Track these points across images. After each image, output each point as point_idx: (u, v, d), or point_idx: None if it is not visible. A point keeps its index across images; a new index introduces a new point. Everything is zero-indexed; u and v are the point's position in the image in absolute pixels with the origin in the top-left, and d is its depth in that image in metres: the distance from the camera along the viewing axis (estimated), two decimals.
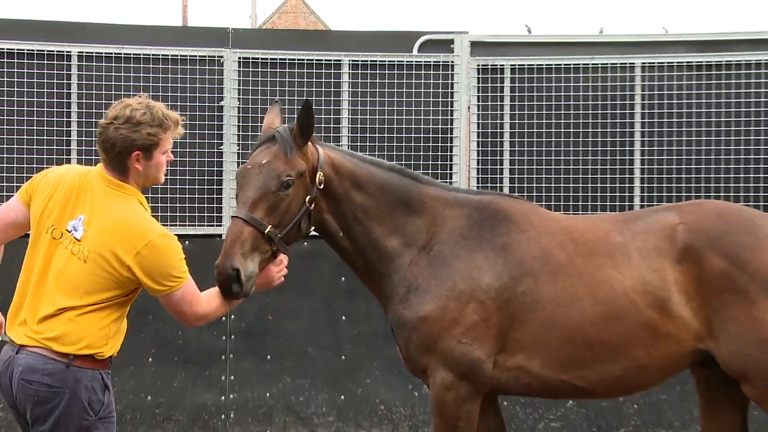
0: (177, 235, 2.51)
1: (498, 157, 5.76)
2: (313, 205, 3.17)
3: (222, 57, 5.50)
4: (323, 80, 5.67)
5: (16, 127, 5.46)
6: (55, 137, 5.50)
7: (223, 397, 5.48)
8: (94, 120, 4.70)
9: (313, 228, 3.29)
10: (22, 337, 2.22)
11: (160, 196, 5.17)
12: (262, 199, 3.03)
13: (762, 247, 3.38)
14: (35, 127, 5.42)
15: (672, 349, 3.39)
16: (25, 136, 5.38)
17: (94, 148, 3.28)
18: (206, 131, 5.52)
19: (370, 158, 3.65)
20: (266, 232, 2.95)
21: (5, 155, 5.35)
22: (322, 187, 3.17)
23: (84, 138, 5.49)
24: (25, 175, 4.71)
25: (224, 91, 5.54)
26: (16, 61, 5.36)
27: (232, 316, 5.37)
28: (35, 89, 5.41)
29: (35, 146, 5.47)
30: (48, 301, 2.23)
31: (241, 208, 3.02)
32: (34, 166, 4.93)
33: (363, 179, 3.40)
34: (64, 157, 5.36)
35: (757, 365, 3.29)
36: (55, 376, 2.21)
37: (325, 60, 5.62)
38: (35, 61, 5.40)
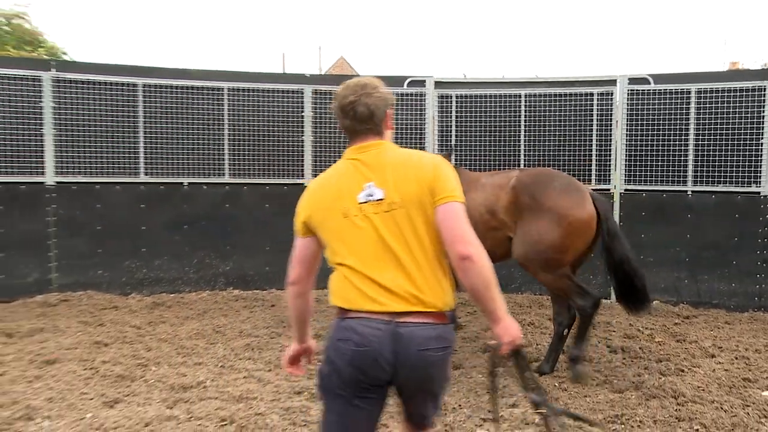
0: None
1: (450, 148, 8.00)
2: None
3: (303, 90, 7.94)
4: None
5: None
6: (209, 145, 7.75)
7: None
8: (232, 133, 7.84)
9: None
10: (397, 306, 2.07)
11: None
12: None
13: (547, 193, 4.72)
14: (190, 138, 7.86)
15: (497, 236, 4.93)
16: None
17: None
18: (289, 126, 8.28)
19: None
20: None
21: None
22: None
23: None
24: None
25: (304, 109, 7.92)
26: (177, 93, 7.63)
27: None
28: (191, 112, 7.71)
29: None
30: (401, 268, 2.10)
31: None
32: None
33: None
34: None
35: (526, 253, 4.76)
36: (446, 338, 2.17)
37: None
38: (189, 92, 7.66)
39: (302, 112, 8.07)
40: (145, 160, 7.63)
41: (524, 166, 7.93)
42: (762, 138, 7.11)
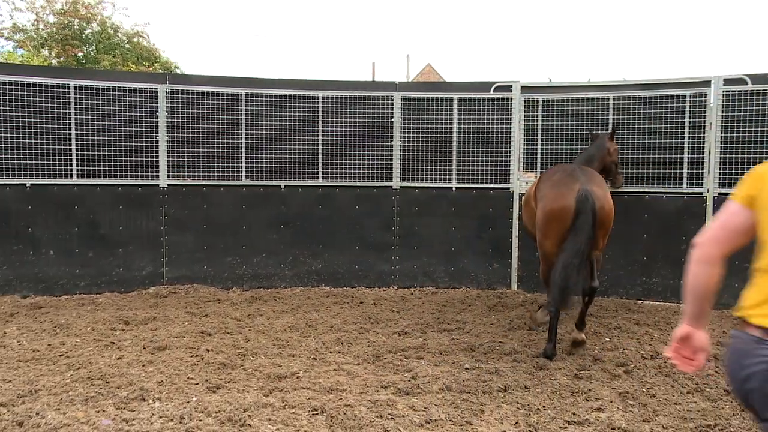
0: None
1: (534, 148, 7.91)
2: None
3: (392, 97, 8.00)
4: (443, 109, 8.06)
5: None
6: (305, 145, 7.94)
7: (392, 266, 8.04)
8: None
9: None
10: None
11: None
12: None
13: (542, 185, 5.43)
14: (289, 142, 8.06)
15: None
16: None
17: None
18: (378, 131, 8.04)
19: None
20: None
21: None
22: None
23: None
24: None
25: (393, 115, 8.01)
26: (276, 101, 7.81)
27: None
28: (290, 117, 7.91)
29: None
30: None
31: None
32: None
33: None
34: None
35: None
36: None
37: (444, 97, 8.04)
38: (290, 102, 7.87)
39: (392, 118, 8.09)
40: (246, 164, 7.92)
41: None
42: None
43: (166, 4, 50.33)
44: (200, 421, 3.77)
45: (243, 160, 7.93)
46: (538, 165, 7.94)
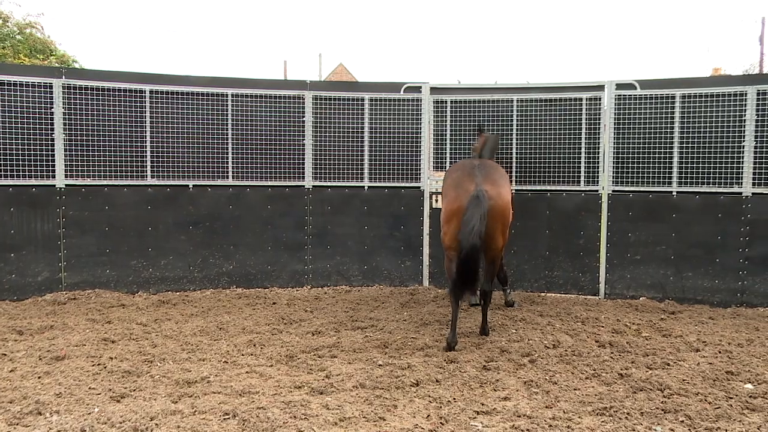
0: None
1: (443, 148, 8.07)
2: None
3: (304, 95, 7.94)
4: (354, 108, 8.07)
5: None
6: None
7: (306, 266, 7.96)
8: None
9: None
10: None
11: None
12: None
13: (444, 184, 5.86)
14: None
15: None
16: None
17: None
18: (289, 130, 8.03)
19: (485, 140, 6.99)
20: None
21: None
22: None
23: None
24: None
25: (305, 114, 7.92)
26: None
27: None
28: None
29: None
30: None
31: None
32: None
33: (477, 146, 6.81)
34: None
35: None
36: None
37: (355, 97, 8.08)
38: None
39: (303, 117, 8.05)
40: (152, 163, 7.59)
41: (517, 168, 7.99)
42: (743, 141, 7.10)
43: None
44: None
45: (148, 159, 7.59)
46: (448, 164, 8.14)
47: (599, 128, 7.75)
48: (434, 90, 8.25)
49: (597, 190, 7.74)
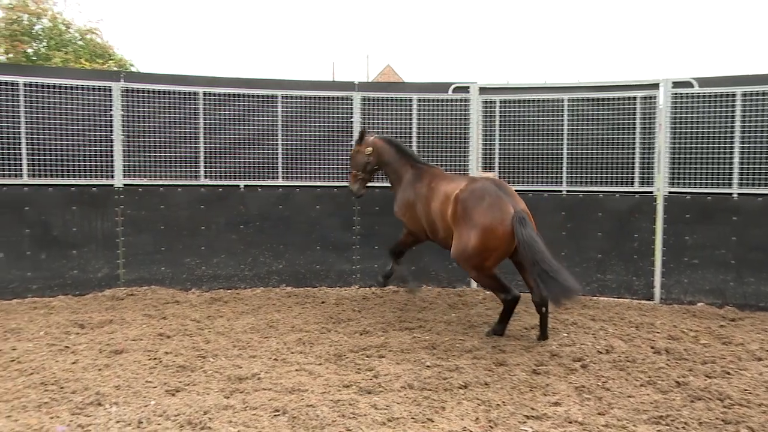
0: None
1: (491, 148, 8.02)
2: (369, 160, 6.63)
3: (352, 96, 8.04)
4: (402, 109, 8.11)
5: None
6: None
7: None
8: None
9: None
10: None
11: None
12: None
13: (476, 205, 5.43)
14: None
15: (450, 236, 5.74)
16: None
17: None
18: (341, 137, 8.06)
19: (395, 142, 6.89)
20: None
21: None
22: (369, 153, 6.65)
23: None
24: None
25: (353, 115, 8.03)
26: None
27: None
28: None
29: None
30: None
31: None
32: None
33: (381, 151, 6.75)
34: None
35: (455, 254, 5.56)
36: None
37: (403, 98, 8.11)
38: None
39: (351, 118, 8.10)
40: (205, 164, 7.79)
41: (568, 169, 7.85)
42: None
43: (120, 1, 49.06)
44: (159, 425, 3.70)
45: (201, 159, 7.79)
46: (497, 165, 8.03)
47: (654, 128, 7.52)
48: (483, 90, 8.16)
49: (652, 192, 7.52)
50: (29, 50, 21.98)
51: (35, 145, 7.21)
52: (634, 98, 7.60)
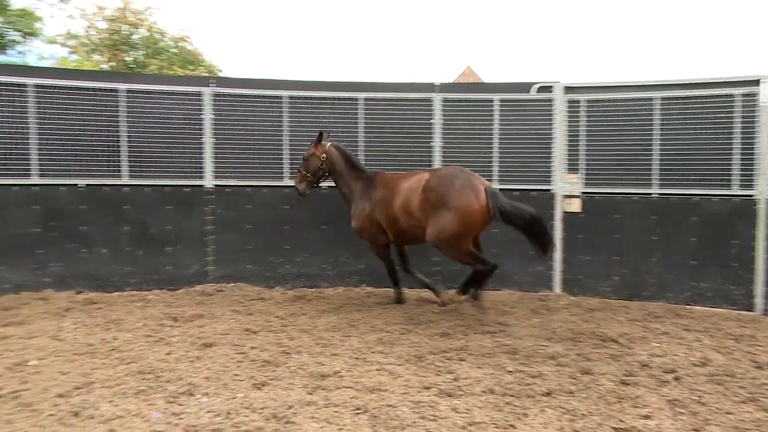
0: None
1: (576, 149, 7.73)
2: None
3: (432, 98, 8.07)
4: (483, 110, 8.03)
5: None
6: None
7: None
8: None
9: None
10: None
11: None
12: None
13: (450, 191, 5.94)
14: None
15: (418, 226, 6.25)
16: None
17: None
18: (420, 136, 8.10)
19: (347, 153, 7.12)
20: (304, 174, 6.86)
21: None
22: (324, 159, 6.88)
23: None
24: None
25: (434, 116, 8.04)
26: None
27: None
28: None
29: None
30: None
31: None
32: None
33: (334, 161, 6.97)
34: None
35: (432, 238, 6.02)
36: None
37: (484, 98, 8.04)
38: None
39: (432, 119, 8.09)
40: (290, 165, 8.00)
41: (660, 172, 7.53)
42: None
43: (205, 9, 51.30)
44: (246, 416, 3.83)
45: (286, 161, 8.02)
46: (582, 166, 7.80)
47: (755, 127, 7.04)
48: (568, 89, 7.94)
49: (752, 196, 7.04)
50: (128, 58, 23.40)
51: (134, 148, 7.68)
52: (732, 96, 7.15)
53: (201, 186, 7.90)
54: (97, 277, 7.59)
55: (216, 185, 7.93)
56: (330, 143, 7.11)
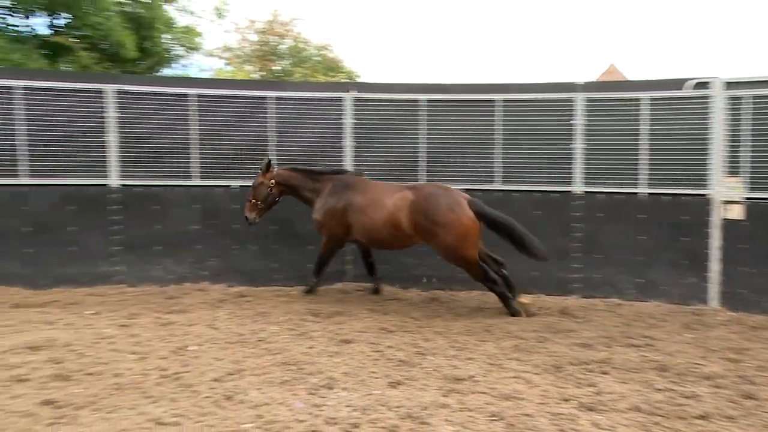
0: None
1: (737, 150, 7.04)
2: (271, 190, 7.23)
3: (574, 98, 7.73)
4: (629, 109, 7.59)
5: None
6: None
7: None
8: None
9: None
10: None
11: None
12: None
13: (438, 211, 6.38)
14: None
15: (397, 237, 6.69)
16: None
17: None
18: (559, 134, 7.83)
19: (299, 168, 7.50)
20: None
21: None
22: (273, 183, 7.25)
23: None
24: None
25: (575, 116, 7.65)
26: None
27: None
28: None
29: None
30: None
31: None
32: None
33: (284, 179, 7.31)
34: None
35: (442, 255, 6.57)
36: None
37: (631, 97, 7.56)
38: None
39: (573, 120, 7.78)
40: (428, 168, 8.08)
41: None
42: None
43: (343, 17, 53.27)
44: (382, 414, 3.92)
45: (424, 163, 8.13)
46: (746, 169, 7.11)
47: None
48: (728, 85, 7.25)
49: None
50: (275, 67, 24.99)
51: (283, 151, 8.18)
52: None
53: None
54: (246, 272, 8.16)
55: None
56: (278, 169, 7.44)
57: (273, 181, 7.37)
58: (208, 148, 8.10)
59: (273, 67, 25.30)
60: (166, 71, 19.83)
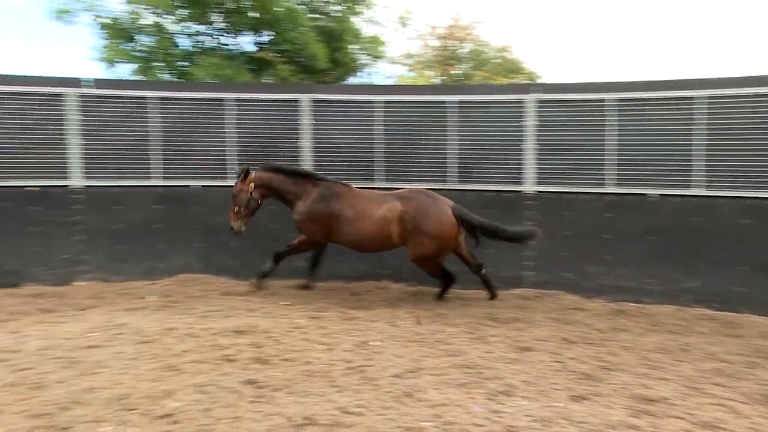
0: None
1: None
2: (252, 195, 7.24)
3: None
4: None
5: None
6: None
7: None
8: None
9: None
10: None
11: None
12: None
13: (427, 222, 6.81)
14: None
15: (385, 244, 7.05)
16: None
17: None
18: None
19: (283, 167, 7.47)
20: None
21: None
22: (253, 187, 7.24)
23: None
24: None
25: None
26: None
27: None
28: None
29: None
30: None
31: None
32: None
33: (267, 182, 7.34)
34: None
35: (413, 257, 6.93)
36: None
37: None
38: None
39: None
40: (618, 170, 7.63)
41: None
42: None
43: (524, 18, 51.91)
44: (564, 428, 3.78)
45: (609, 165, 7.66)
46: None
47: None
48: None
49: None
50: (455, 72, 25.26)
51: (464, 154, 8.21)
52: None
53: (520, 192, 8.04)
54: (421, 272, 8.30)
55: (538, 191, 7.98)
56: (257, 171, 7.30)
57: (252, 185, 7.34)
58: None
59: (453, 72, 25.59)
60: (352, 80, 21.02)
